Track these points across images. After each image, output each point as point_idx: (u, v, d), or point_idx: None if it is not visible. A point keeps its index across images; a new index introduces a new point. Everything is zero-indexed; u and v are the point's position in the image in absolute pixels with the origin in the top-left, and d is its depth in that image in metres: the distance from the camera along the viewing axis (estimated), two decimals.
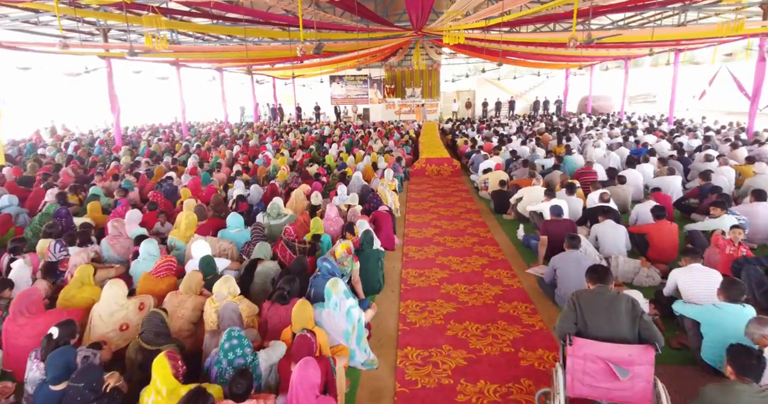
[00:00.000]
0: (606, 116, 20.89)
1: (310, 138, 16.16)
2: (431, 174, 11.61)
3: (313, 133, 18.28)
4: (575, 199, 6.72)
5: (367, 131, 18.52)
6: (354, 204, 7.03)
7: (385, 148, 13.85)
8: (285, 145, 14.16)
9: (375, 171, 10.19)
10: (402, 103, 27.21)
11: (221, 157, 11.26)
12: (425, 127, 20.58)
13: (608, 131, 15.08)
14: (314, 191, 7.13)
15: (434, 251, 6.35)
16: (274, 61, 16.73)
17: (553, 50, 16.71)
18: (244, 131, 18.13)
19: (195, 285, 3.82)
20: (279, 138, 16.07)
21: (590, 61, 19.74)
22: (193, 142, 14.49)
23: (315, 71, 21.90)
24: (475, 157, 11.39)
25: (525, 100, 29.12)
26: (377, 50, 18.59)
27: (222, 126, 20.80)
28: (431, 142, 14.82)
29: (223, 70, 20.08)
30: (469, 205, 8.75)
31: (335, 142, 14.78)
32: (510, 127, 17.73)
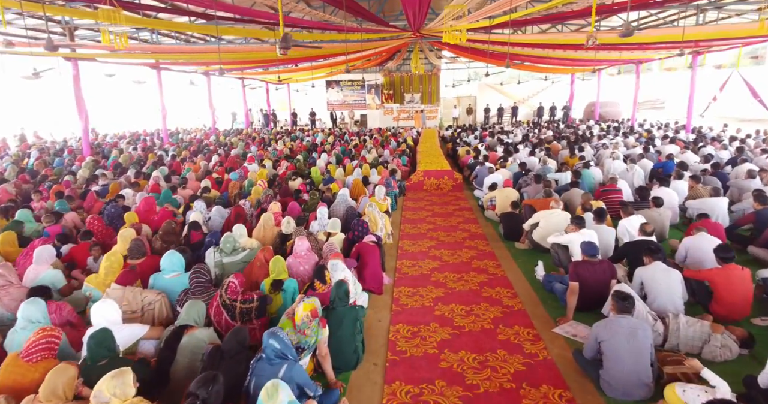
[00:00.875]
0: (616, 123, 19.60)
1: (299, 146, 14.88)
2: (430, 188, 10.31)
3: (305, 140, 17.01)
4: (606, 229, 5.40)
5: (362, 139, 17.24)
6: (335, 231, 5.73)
7: (379, 158, 12.57)
8: (270, 155, 12.88)
9: (366, 186, 8.90)
10: (400, 108, 25.99)
11: (194, 170, 9.97)
12: (424, 134, 19.31)
13: (622, 140, 13.81)
14: (286, 216, 5.82)
15: (432, 295, 5.04)
16: (255, 64, 15.44)
17: (562, 53, 15.48)
18: (230, 139, 16.84)
19: (64, 389, 2.49)
20: (266, 146, 14.79)
21: (600, 64, 18.50)
22: (170, 152, 13.22)
23: (306, 75, 20.63)
24: (479, 170, 10.09)
25: (528, 106, 27.91)
26: (372, 53, 17.36)
27: (209, 133, 19.53)
28: (430, 152, 13.53)
29: (210, 74, 18.85)
30: (474, 229, 7.42)
31: (326, 151, 13.49)
32: (515, 135, 16.44)
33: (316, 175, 9.68)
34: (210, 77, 18.83)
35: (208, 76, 18.77)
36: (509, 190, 7.75)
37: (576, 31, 15.24)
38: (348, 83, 28.78)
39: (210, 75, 18.84)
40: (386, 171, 9.44)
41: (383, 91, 28.08)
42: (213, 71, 18.57)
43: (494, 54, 15.32)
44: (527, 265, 5.73)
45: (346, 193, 7.52)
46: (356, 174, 9.48)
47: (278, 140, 16.80)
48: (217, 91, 25.33)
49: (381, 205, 7.34)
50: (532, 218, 6.28)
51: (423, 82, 27.97)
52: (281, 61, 14.47)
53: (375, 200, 7.38)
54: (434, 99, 27.89)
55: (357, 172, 9.53)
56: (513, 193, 7.63)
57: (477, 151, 12.01)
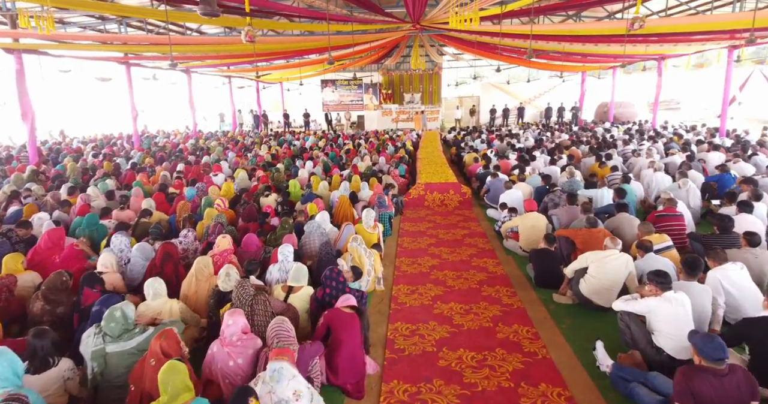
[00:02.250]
0: (635, 125, 17.75)
1: (285, 151, 13.07)
2: (432, 205, 8.50)
3: (293, 144, 15.20)
4: (700, 290, 3.56)
5: (356, 143, 15.43)
6: (299, 285, 3.94)
7: (374, 166, 10.76)
8: (248, 162, 11.08)
9: (354, 205, 7.10)
10: (399, 109, 24.18)
11: (147, 183, 8.17)
12: (425, 137, 17.50)
13: (648, 145, 11.99)
14: (228, 263, 4.02)
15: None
16: (224, 58, 13.58)
17: (581, 47, 13.67)
18: (210, 142, 15.02)
19: None
20: (246, 151, 12.98)
21: (620, 60, 16.67)
22: (135, 158, 11.44)
23: (293, 73, 18.78)
24: (492, 184, 8.29)
25: (534, 107, 26.09)
26: (367, 48, 15.53)
27: (191, 135, 17.72)
28: (432, 159, 11.71)
29: (192, 71, 17.04)
30: (492, 266, 5.60)
31: (314, 157, 11.68)
32: (526, 139, 14.62)
33: (295, 190, 7.87)
34: (191, 75, 17.03)
35: (189, 74, 16.96)
36: (535, 216, 5.91)
37: (595, 21, 13.42)
38: (344, 82, 26.95)
39: (191, 72, 17.04)
40: (379, 185, 7.62)
41: (381, 90, 26.30)
42: (194, 68, 16.78)
43: (505, 49, 13.52)
44: (579, 339, 3.91)
45: (325, 219, 5.73)
46: (343, 188, 7.68)
47: (263, 144, 15.00)
48: (205, 91, 23.60)
49: (370, 236, 5.53)
50: (577, 261, 4.46)
51: (423, 82, 26.17)
52: (259, 56, 12.67)
53: (362, 229, 5.57)
54: (435, 99, 26.08)
55: (344, 186, 7.73)
56: (540, 221, 5.82)
57: (487, 158, 10.18)
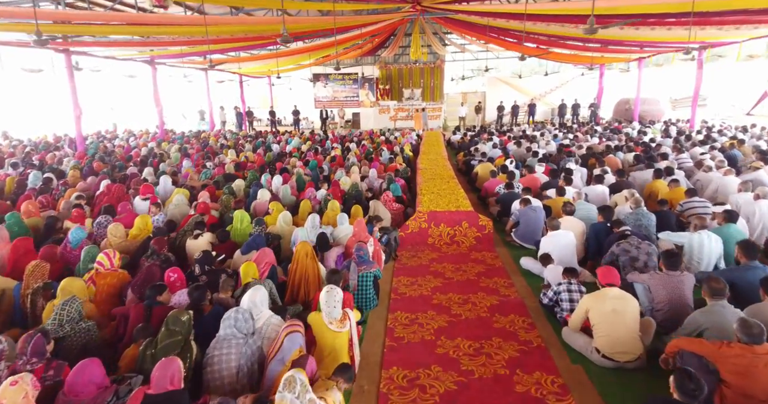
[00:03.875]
0: (673, 126, 15.19)
1: (256, 159, 10.55)
2: (439, 243, 6.02)
3: (272, 148, 12.68)
4: None
5: (346, 146, 12.91)
6: None
7: (362, 179, 8.28)
8: (201, 175, 8.59)
9: (325, 255, 4.66)
10: (398, 106, 21.62)
11: (35, 213, 5.69)
12: (426, 138, 14.97)
13: (715, 156, 9.52)
14: None
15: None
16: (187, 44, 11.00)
17: (618, 33, 11.10)
18: (172, 147, 12.49)
19: None
20: (207, 160, 10.47)
21: (654, 49, 14.14)
22: (67, 168, 8.97)
23: (270, 67, 16.21)
24: (523, 215, 5.81)
25: (545, 104, 23.51)
26: (363, 33, 12.98)
27: (156, 136, 15.18)
28: (437, 170, 9.20)
29: (157, 62, 14.50)
30: (547, 383, 3.16)
31: (288, 168, 9.19)
32: (546, 143, 12.09)
33: (241, 227, 5.38)
34: (155, 66, 14.48)
35: (153, 66, 14.42)
36: (618, 295, 3.38)
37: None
38: (338, 77, 24.40)
39: (155, 63, 14.50)
40: (362, 221, 5.11)
41: (378, 86, 23.75)
42: (158, 57, 14.23)
43: (529, 38, 10.99)
44: None
45: (263, 299, 3.26)
46: (311, 225, 5.19)
47: (236, 148, 12.49)
48: (186, 86, 21.06)
49: (333, 338, 3.06)
50: None
51: (424, 76, 23.61)
52: (212, 44, 10.13)
53: (320, 323, 3.11)
54: (437, 95, 23.54)
55: (313, 221, 5.23)
56: (629, 305, 3.31)
57: (509, 174, 7.65)
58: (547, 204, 6.34)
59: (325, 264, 4.69)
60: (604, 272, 3.44)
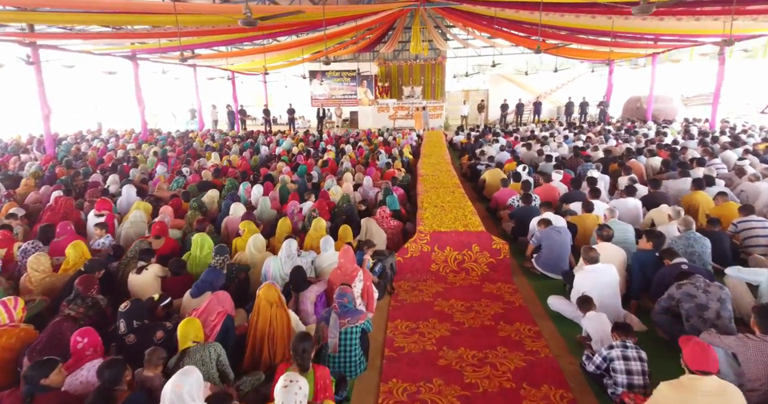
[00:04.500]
0: (687, 124, 14.11)
1: (240, 164, 9.49)
2: (444, 270, 4.96)
3: (261, 149, 11.61)
4: None
5: (341, 148, 11.86)
6: None
7: (356, 189, 7.25)
8: (171, 185, 7.54)
9: (303, 294, 3.64)
10: (398, 105, 20.51)
11: None
12: (427, 139, 13.88)
13: (730, 155, 8.49)
14: None
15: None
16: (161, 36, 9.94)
17: (641, 25, 10.02)
18: (150, 150, 11.41)
19: None
20: (186, 164, 9.42)
21: (672, 43, 13.05)
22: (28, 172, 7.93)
23: (256, 64, 15.15)
24: (545, 237, 4.75)
25: (550, 102, 22.39)
26: (353, 27, 11.90)
27: (142, 136, 14.12)
28: (440, 177, 8.12)
29: (138, 57, 13.41)
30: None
31: (273, 175, 8.14)
32: (558, 145, 11.01)
33: (200, 255, 4.33)
34: (137, 62, 13.40)
35: (135, 61, 13.34)
36: (712, 391, 2.27)
37: None
38: (335, 74, 23.34)
39: (137, 59, 13.41)
40: (349, 250, 4.06)
41: (377, 83, 22.66)
42: (139, 52, 13.16)
43: (546, 33, 9.95)
44: None
45: (192, 392, 2.21)
46: (287, 251, 4.14)
47: (220, 150, 11.44)
48: (178, 83, 19.99)
49: None
50: None
51: (425, 73, 22.53)
52: (182, 35, 9.06)
53: None
54: (438, 93, 22.46)
55: (288, 248, 4.17)
56: (735, 399, 2.28)
57: (524, 184, 6.57)
58: (572, 222, 5.30)
59: (299, 308, 3.66)
60: (695, 351, 2.33)
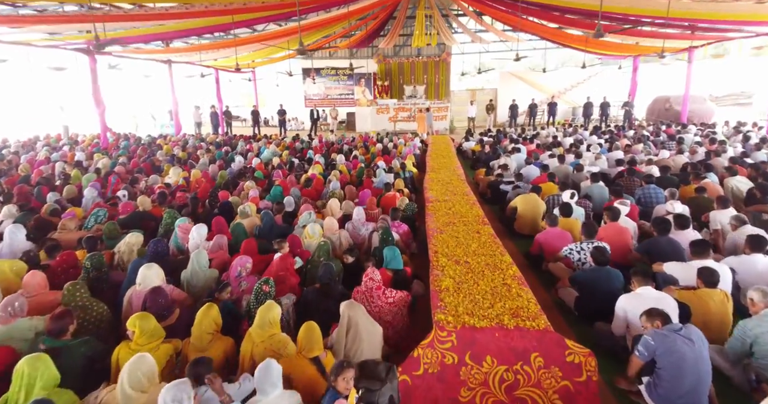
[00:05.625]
0: (726, 128, 11.95)
1: (196, 186, 7.34)
2: (485, 401, 2.87)
3: (235, 160, 9.48)
4: None
5: (330, 161, 9.74)
6: None
7: (345, 224, 5.15)
8: (88, 220, 5.40)
9: None
10: (398, 105, 18.37)
11: None
12: (433, 146, 11.72)
13: None
14: None
15: None
16: None
17: (696, 10, 7.89)
18: (98, 163, 9.27)
19: None
20: (134, 180, 7.29)
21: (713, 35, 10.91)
22: None
23: (229, 61, 12.91)
24: (662, 348, 2.58)
25: (564, 102, 20.24)
26: (342, 14, 9.76)
27: (106, 142, 11.97)
28: (457, 206, 5.93)
29: (95, 51, 11.26)
30: None
31: (234, 204, 6.03)
32: (596, 156, 8.84)
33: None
34: (93, 56, 11.25)
35: (91, 55, 11.20)
36: None
37: None
38: (331, 72, 21.20)
39: (94, 53, 11.27)
40: (316, 377, 1.97)
41: (376, 82, 20.52)
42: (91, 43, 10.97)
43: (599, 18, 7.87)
44: None
45: None
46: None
47: (181, 163, 9.30)
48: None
49: None
50: None
51: (428, 71, 20.38)
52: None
53: None
54: (442, 93, 20.32)
55: (187, 398, 2.07)
56: None
57: (585, 226, 4.39)
58: (683, 302, 3.19)
59: None
60: None
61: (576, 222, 5.06)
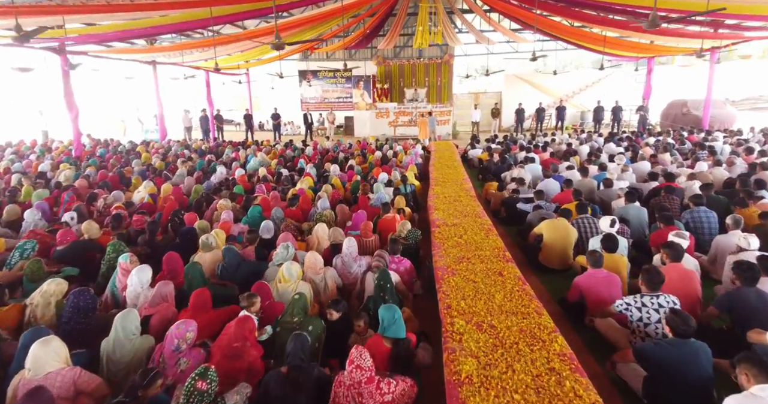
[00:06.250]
0: None
1: (165, 202, 6.27)
2: None
3: (217, 171, 8.42)
4: None
5: (323, 172, 8.69)
6: None
7: (334, 260, 4.09)
8: (9, 258, 4.32)
9: None
10: (399, 109, 17.33)
11: None
12: (436, 153, 10.62)
13: None
14: None
15: None
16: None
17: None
18: (61, 174, 8.21)
19: None
20: (91, 198, 6.23)
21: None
22: None
23: (206, 64, 11.87)
24: None
25: (572, 106, 19.19)
26: (331, 10, 8.74)
27: (81, 150, 10.91)
28: (468, 230, 4.91)
29: (66, 50, 10.23)
30: None
31: (196, 230, 4.96)
32: (622, 168, 7.75)
33: None
34: (65, 56, 10.21)
35: (62, 55, 10.16)
36: None
37: None
38: (329, 74, 20.16)
39: (65, 52, 10.23)
40: None
41: (376, 84, 19.49)
42: (66, 40, 9.97)
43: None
44: None
45: None
46: None
47: (162, 172, 8.24)
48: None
49: None
50: None
51: (430, 73, 19.34)
52: None
53: None
54: (445, 96, 19.27)
55: None
56: None
57: (646, 272, 3.33)
58: None
59: None
60: None
61: (622, 260, 3.99)
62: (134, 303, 3.40)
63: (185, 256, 4.31)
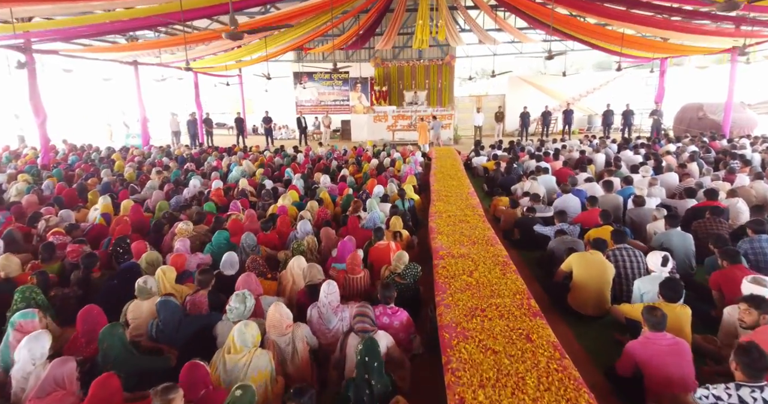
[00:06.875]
0: None
1: (121, 223, 5.29)
2: None
3: (190, 184, 7.44)
4: None
5: (311, 184, 7.71)
6: None
7: (310, 313, 3.12)
8: None
9: None
10: (398, 113, 16.38)
11: None
12: (438, 162, 9.59)
13: None
14: None
15: None
16: None
17: None
18: (16, 184, 7.26)
19: None
20: (33, 219, 5.25)
21: None
22: None
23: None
24: None
25: (578, 109, 18.20)
26: (312, 5, 7.78)
27: (45, 157, 9.94)
28: (480, 264, 3.97)
29: (32, 50, 9.27)
30: None
31: (140, 268, 3.99)
32: (649, 181, 6.77)
33: None
34: (32, 55, 9.25)
35: (28, 54, 9.20)
36: None
37: None
38: (325, 76, 19.21)
39: (32, 51, 9.27)
40: None
41: (374, 87, 18.52)
42: (31, 36, 9.04)
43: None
44: None
45: None
46: None
47: (125, 185, 7.26)
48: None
49: None
50: None
51: (430, 75, 18.39)
52: None
53: None
54: (446, 99, 18.33)
55: None
56: None
57: (745, 353, 2.37)
58: None
59: None
60: None
61: (686, 313, 3.01)
62: (22, 387, 2.42)
63: (123, 303, 3.35)
